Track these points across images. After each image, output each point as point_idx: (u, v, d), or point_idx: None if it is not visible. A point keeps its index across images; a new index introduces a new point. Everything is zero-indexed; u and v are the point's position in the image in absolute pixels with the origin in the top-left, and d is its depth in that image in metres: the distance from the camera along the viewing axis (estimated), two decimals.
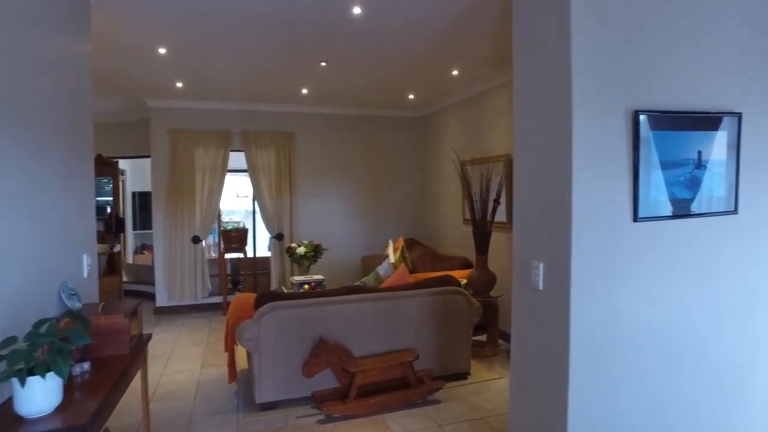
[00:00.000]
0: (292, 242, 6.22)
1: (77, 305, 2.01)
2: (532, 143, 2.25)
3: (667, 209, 2.16)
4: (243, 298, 4.05)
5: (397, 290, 3.75)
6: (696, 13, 2.18)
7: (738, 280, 2.38)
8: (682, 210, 2.19)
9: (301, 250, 5.59)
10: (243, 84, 5.22)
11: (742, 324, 2.40)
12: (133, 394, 2.80)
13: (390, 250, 5.90)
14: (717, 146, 2.24)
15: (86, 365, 1.86)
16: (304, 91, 5.55)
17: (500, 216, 4.76)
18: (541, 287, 2.18)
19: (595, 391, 2.08)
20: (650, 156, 2.10)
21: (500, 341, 4.70)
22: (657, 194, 2.13)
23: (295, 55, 4.16)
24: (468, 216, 5.59)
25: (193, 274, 6.20)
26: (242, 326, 3.27)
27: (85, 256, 2.52)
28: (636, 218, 2.10)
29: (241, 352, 3.83)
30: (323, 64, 4.39)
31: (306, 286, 5.02)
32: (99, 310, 2.20)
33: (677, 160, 2.16)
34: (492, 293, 4.62)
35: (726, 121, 2.25)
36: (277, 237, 6.51)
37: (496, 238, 4.82)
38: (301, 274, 5.61)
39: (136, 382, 2.42)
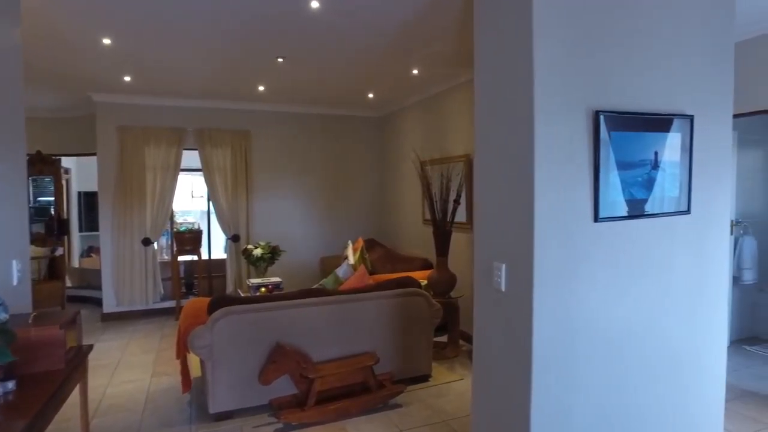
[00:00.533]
0: (248, 244, 6.03)
1: (3, 317, 1.82)
2: (494, 143, 2.22)
3: (626, 209, 2.17)
4: (196, 303, 3.86)
5: (356, 292, 3.66)
6: (650, 19, 2.20)
7: (690, 279, 2.43)
8: (639, 210, 2.21)
9: (257, 251, 5.42)
10: (196, 80, 5.00)
11: (692, 320, 2.46)
12: (74, 411, 2.60)
13: (349, 251, 5.81)
14: (671, 148, 2.28)
15: (10, 384, 1.68)
16: (261, 88, 5.39)
17: (460, 216, 4.75)
18: (503, 289, 2.15)
19: (558, 391, 2.07)
20: (610, 156, 2.10)
21: (461, 342, 4.69)
22: (616, 195, 2.14)
23: (251, 51, 4.01)
24: (428, 216, 5.57)
25: (143, 278, 5.90)
26: (194, 333, 3.11)
27: (14, 262, 2.30)
28: (597, 218, 2.10)
29: (194, 360, 3.65)
30: (280, 60, 4.25)
31: (263, 289, 4.86)
32: (30, 321, 2.01)
33: (635, 160, 2.17)
34: (452, 294, 4.61)
35: (679, 123, 2.29)
36: (233, 238, 6.29)
37: (457, 239, 4.81)
38: (258, 277, 5.43)
39: (76, 397, 2.24)
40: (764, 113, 3.35)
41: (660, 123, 2.23)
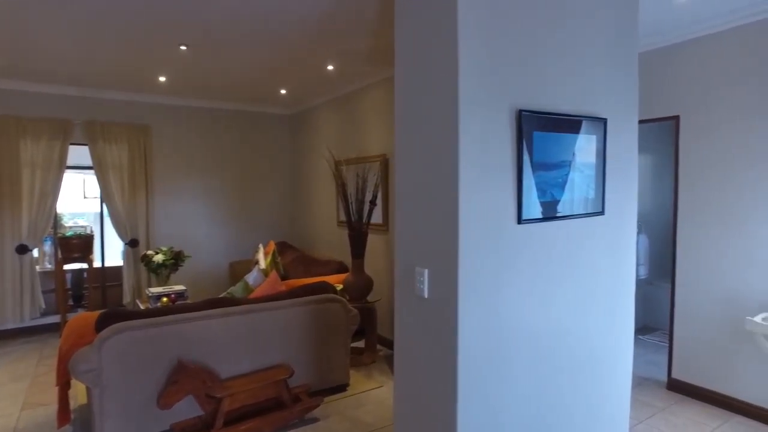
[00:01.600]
0: (148, 249, 5.48)
1: None
2: (416, 142, 2.10)
3: (549, 211, 2.16)
4: (82, 318, 3.38)
5: (268, 301, 3.41)
6: (566, 28, 2.22)
7: (605, 278, 2.50)
8: (560, 211, 2.21)
9: (159, 257, 4.93)
10: (84, 65, 4.43)
11: (607, 316, 2.54)
12: None
13: (260, 255, 5.50)
14: (588, 150, 2.31)
15: None
16: (162, 78, 4.91)
17: (376, 217, 4.65)
18: (426, 295, 2.05)
19: (484, 398, 2.00)
20: (533, 157, 2.07)
21: (379, 347, 4.58)
22: (539, 196, 2.11)
23: (150, 35, 3.59)
24: (343, 218, 5.41)
25: (18, 291, 5.14)
26: (77, 356, 2.69)
27: None
28: (520, 220, 2.06)
29: (80, 385, 3.18)
30: (183, 48, 3.87)
31: (165, 299, 4.41)
32: None
33: (555, 161, 2.17)
34: (369, 298, 4.49)
35: (595, 125, 2.33)
36: (131, 243, 5.70)
37: (373, 240, 4.70)
38: (160, 285, 4.94)
39: None
40: (660, 120, 3.59)
41: (578, 125, 2.25)
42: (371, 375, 4.01)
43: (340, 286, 4.34)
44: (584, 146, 2.29)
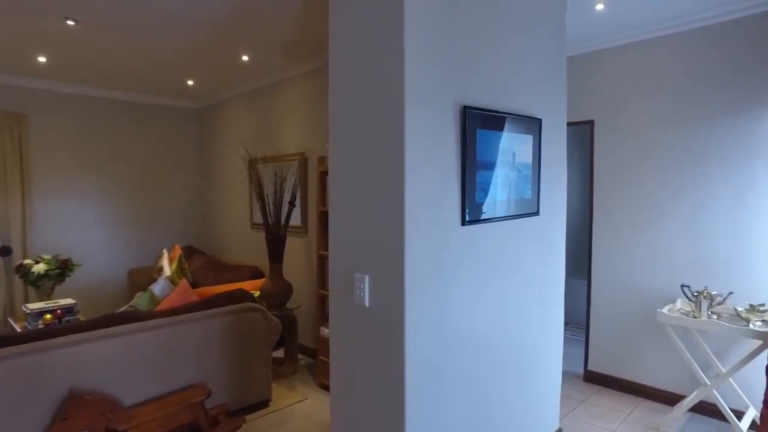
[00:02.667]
0: (26, 258, 4.72)
1: None
2: (354, 140, 1.93)
3: (490, 211, 2.09)
4: None
5: (179, 313, 3.03)
6: (505, 28, 2.19)
7: (541, 278, 2.51)
8: (501, 212, 2.16)
9: (39, 268, 4.25)
10: None
11: (543, 316, 2.56)
12: None
13: (164, 262, 4.99)
14: (525, 149, 2.29)
15: None
16: (42, 59, 4.24)
17: (294, 219, 4.38)
18: (367, 304, 1.88)
19: (431, 406, 1.88)
20: (476, 155, 1.99)
21: (300, 356, 4.33)
22: (482, 196, 2.04)
23: (27, 2, 3.03)
24: (258, 220, 5.09)
25: None
26: None
27: None
28: (464, 221, 1.97)
29: None
30: (70, 22, 3.34)
31: (48, 316, 3.80)
32: None
33: (497, 161, 2.11)
34: (289, 305, 4.23)
35: (531, 125, 2.31)
36: (3, 252, 4.88)
37: (291, 244, 4.44)
38: (42, 300, 4.26)
39: None
40: (577, 124, 3.73)
41: (518, 124, 2.22)
42: (294, 387, 3.76)
43: (257, 293, 4.03)
44: (522, 146, 2.27)
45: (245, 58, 4.15)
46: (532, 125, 2.32)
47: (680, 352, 3.03)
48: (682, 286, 3.15)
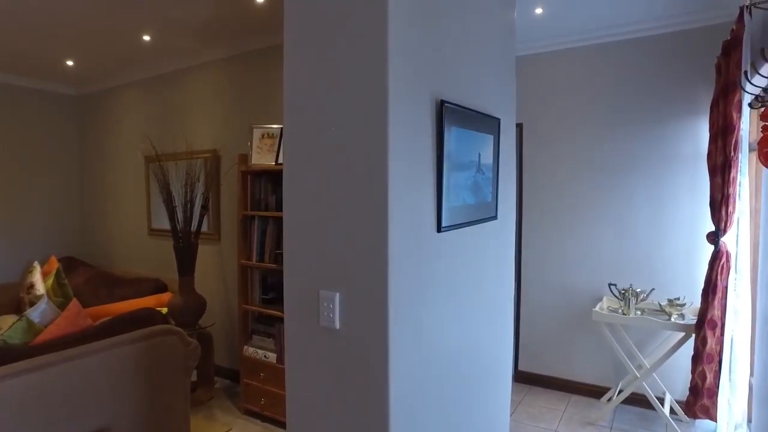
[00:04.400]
0: None
1: None
2: (321, 136, 1.64)
3: (461, 216, 1.93)
4: None
5: (70, 344, 2.47)
6: (469, 19, 2.04)
7: (497, 286, 2.42)
8: (470, 217, 2.00)
9: None
10: None
11: (500, 323, 2.48)
12: None
13: (36, 277, 4.21)
14: (488, 150, 2.16)
15: None
16: None
17: (204, 225, 3.90)
18: (337, 326, 1.60)
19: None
20: (451, 155, 1.81)
21: (216, 379, 3.85)
22: (455, 200, 1.86)
23: None
24: (159, 225, 4.47)
25: None
26: None
27: None
28: (440, 228, 1.77)
29: None
30: None
31: None
32: None
33: (467, 161, 1.95)
34: (202, 322, 3.73)
35: (492, 125, 2.19)
36: None
37: (200, 252, 3.93)
38: None
39: None
40: None
41: (485, 123, 2.08)
42: (213, 416, 3.30)
43: (164, 310, 3.50)
44: (486, 147, 2.14)
45: (147, 38, 3.58)
46: (493, 125, 2.21)
47: (614, 348, 3.15)
48: (610, 284, 3.28)
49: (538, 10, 2.93)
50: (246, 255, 3.30)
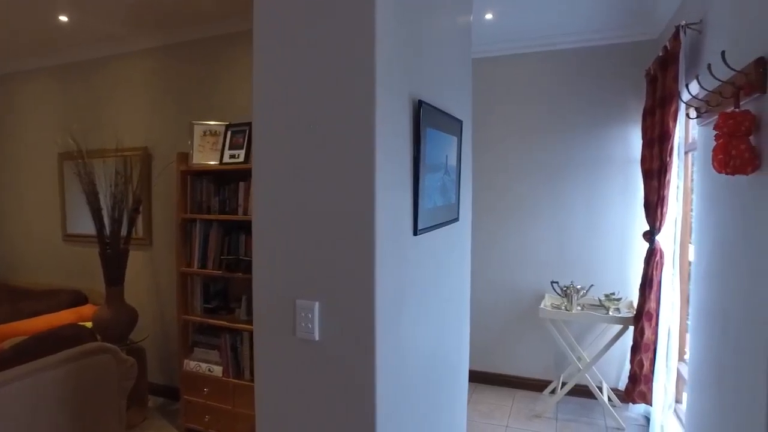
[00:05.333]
0: None
1: None
2: (297, 133, 1.53)
3: (433, 218, 1.90)
4: None
5: None
6: (433, 28, 2.04)
7: (458, 287, 2.42)
8: (439, 219, 1.99)
9: None
10: None
11: (461, 325, 2.49)
12: None
13: None
14: (453, 152, 2.16)
15: None
16: None
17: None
18: (317, 337, 1.51)
19: None
20: (425, 156, 1.77)
21: (149, 397, 3.53)
22: (428, 201, 1.84)
23: None
24: (77, 230, 4.03)
25: None
26: None
27: None
28: (416, 231, 1.73)
29: None
30: None
31: None
32: None
33: (438, 163, 1.93)
34: (133, 336, 3.41)
35: (456, 126, 2.20)
36: None
37: (130, 259, 3.60)
38: None
39: None
40: None
41: (451, 125, 2.07)
42: None
43: (88, 324, 3.16)
44: (452, 148, 2.14)
45: (63, 18, 3.20)
46: (457, 126, 2.21)
47: (559, 344, 3.29)
48: (552, 282, 3.42)
49: (488, 16, 2.99)
50: (186, 261, 3.05)
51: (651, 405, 2.78)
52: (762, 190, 1.66)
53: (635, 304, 3.27)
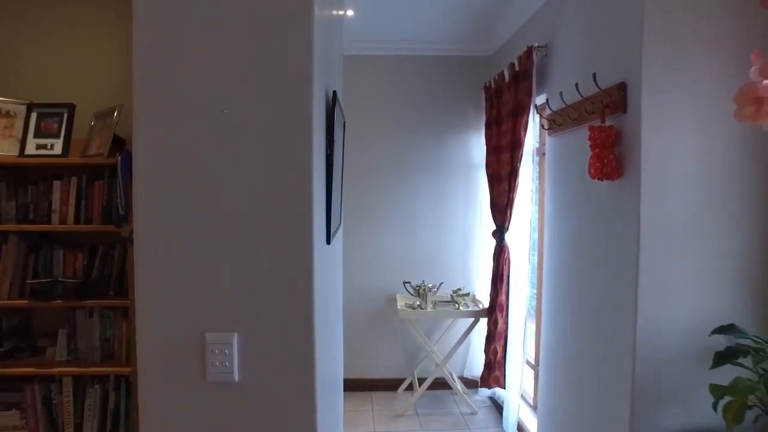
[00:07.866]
0: None
1: None
2: (203, 121, 1.19)
3: (335, 223, 1.72)
4: None
5: None
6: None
7: (338, 293, 2.29)
8: (337, 223, 1.82)
9: None
10: None
11: (338, 331, 2.34)
12: None
13: None
14: (340, 151, 2.01)
15: None
16: None
17: None
18: (236, 377, 1.21)
19: None
20: (334, 153, 1.59)
21: None
22: (335, 204, 1.66)
23: None
24: None
25: None
26: None
27: None
28: (329, 239, 1.54)
29: None
30: None
31: None
32: None
33: (339, 160, 1.76)
34: None
35: (343, 121, 2.05)
36: None
37: None
38: None
39: None
40: None
41: (341, 119, 1.92)
42: None
43: None
44: (341, 145, 1.99)
45: None
46: (342, 121, 2.06)
47: (417, 341, 3.37)
48: (404, 282, 3.51)
49: (350, 12, 2.90)
50: None
51: (504, 388, 3.05)
52: (620, 192, 1.92)
53: (479, 298, 3.57)
